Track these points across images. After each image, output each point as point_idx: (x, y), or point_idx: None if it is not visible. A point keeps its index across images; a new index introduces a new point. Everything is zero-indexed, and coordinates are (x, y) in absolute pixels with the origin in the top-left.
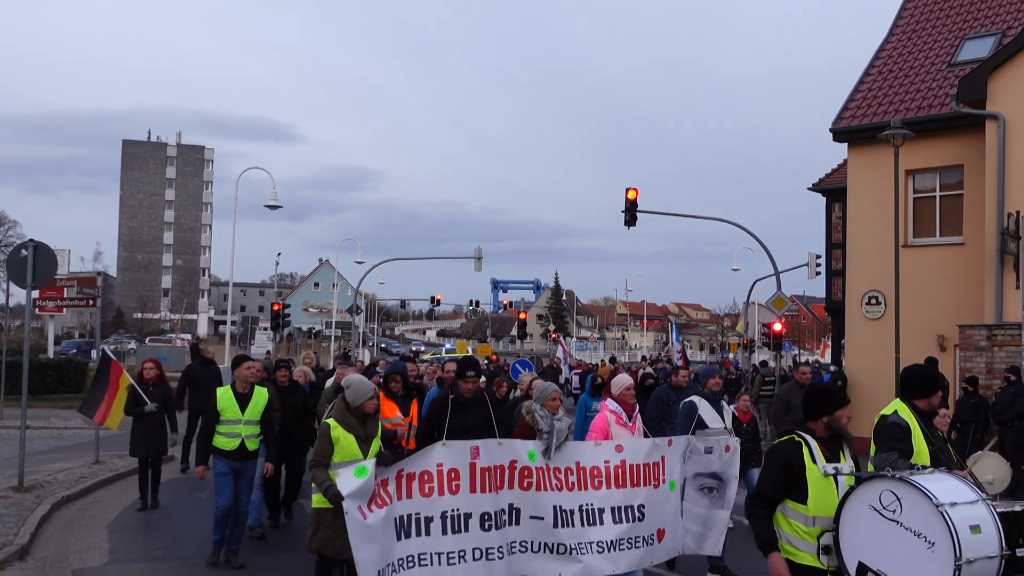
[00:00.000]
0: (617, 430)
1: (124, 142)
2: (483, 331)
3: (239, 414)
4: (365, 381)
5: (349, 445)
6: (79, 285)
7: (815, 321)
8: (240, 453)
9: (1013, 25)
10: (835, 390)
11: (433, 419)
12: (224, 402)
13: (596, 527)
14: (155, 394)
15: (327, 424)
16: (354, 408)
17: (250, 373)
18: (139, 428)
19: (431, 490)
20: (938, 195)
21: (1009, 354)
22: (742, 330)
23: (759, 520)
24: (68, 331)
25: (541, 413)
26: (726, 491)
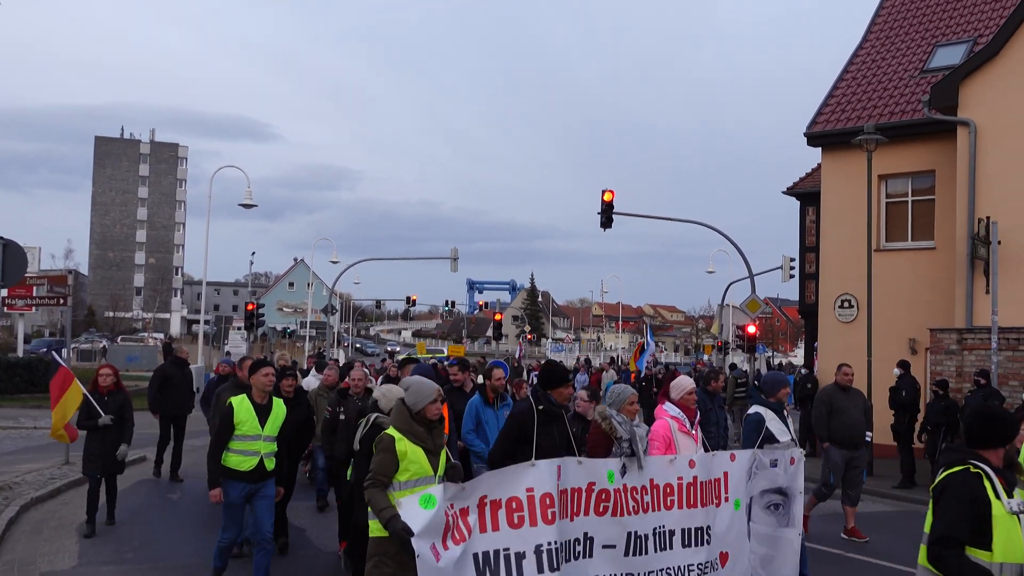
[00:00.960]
0: (681, 439)
1: (97, 139)
2: (458, 332)
3: (258, 428)
4: (426, 381)
5: (418, 460)
6: (49, 283)
7: (788, 324)
8: (258, 474)
9: (984, 33)
10: (1012, 414)
11: (519, 435)
12: (242, 414)
13: (666, 552)
14: (111, 404)
15: (390, 436)
16: (416, 414)
17: (268, 381)
18: (93, 443)
19: (521, 520)
20: (910, 200)
21: (979, 358)
22: (716, 332)
23: (962, 562)
24: (38, 329)
25: (619, 419)
26: (791, 507)
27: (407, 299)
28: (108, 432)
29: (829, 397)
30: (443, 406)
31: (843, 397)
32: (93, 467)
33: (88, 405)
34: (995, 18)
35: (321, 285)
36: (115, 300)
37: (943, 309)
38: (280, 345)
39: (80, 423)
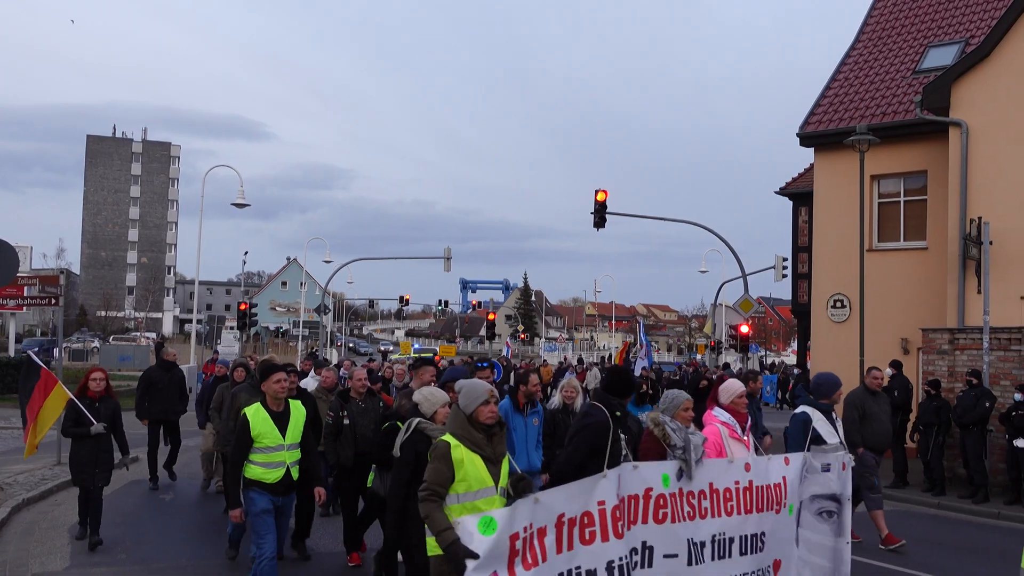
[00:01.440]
0: (733, 446)
1: (89, 137)
2: (452, 331)
3: (279, 438)
4: (477, 381)
5: (477, 470)
6: (41, 283)
7: (781, 323)
8: (284, 485)
9: (976, 34)
10: None
11: (597, 445)
12: (259, 425)
13: (725, 560)
14: (102, 411)
15: (445, 443)
16: (470, 417)
17: (281, 388)
18: (83, 453)
19: (592, 536)
20: (902, 200)
21: (971, 358)
22: (709, 331)
23: None
24: (30, 329)
25: (673, 426)
26: (843, 515)
27: (400, 299)
28: (100, 441)
29: (861, 401)
30: None
31: (873, 401)
32: (88, 479)
33: (76, 411)
34: (987, 19)
35: (314, 284)
36: (107, 299)
37: (935, 309)
38: (273, 344)
39: (66, 430)
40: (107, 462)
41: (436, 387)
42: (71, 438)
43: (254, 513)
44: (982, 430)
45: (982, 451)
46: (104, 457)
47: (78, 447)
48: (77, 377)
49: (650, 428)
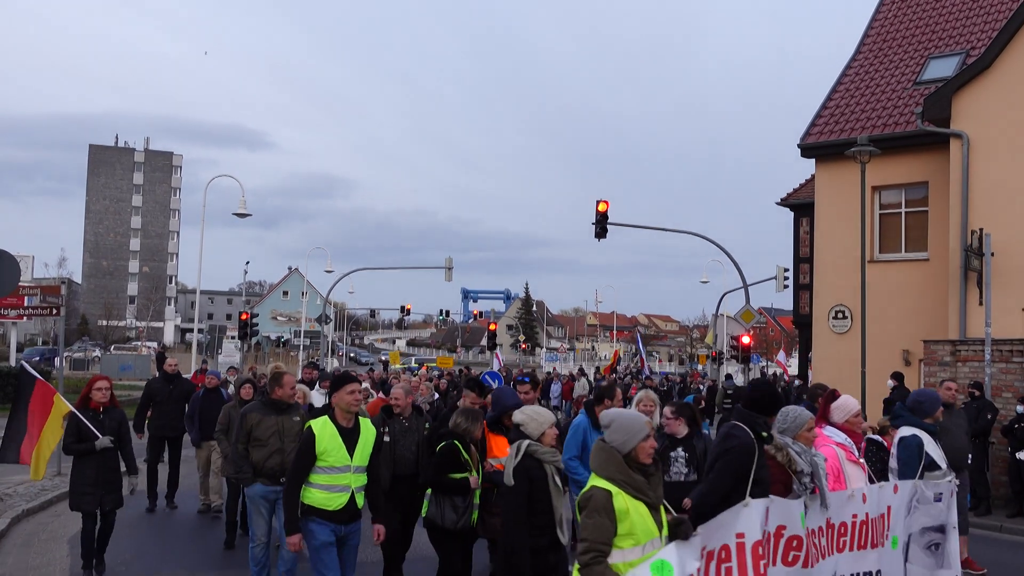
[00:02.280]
0: (850, 470)
1: (91, 147)
2: (453, 341)
3: (347, 458)
4: (632, 413)
5: (643, 520)
6: (42, 293)
7: (783, 334)
8: (348, 513)
9: (976, 45)
10: None
11: (741, 471)
12: (326, 441)
13: None
14: (107, 423)
15: (605, 491)
16: (628, 456)
17: (355, 400)
18: (86, 472)
19: (728, 572)
20: (903, 211)
21: (972, 369)
22: (711, 342)
23: None
24: (31, 338)
25: (797, 449)
26: (947, 545)
27: (401, 308)
28: (106, 457)
29: None
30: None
31: (947, 416)
32: (89, 501)
33: (78, 425)
34: (987, 31)
35: (315, 294)
36: (108, 309)
37: (937, 320)
38: (274, 354)
39: (68, 447)
40: (114, 481)
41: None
42: (73, 455)
43: (314, 546)
44: (984, 442)
45: (984, 463)
46: (111, 476)
47: (81, 466)
48: (78, 386)
49: (771, 453)
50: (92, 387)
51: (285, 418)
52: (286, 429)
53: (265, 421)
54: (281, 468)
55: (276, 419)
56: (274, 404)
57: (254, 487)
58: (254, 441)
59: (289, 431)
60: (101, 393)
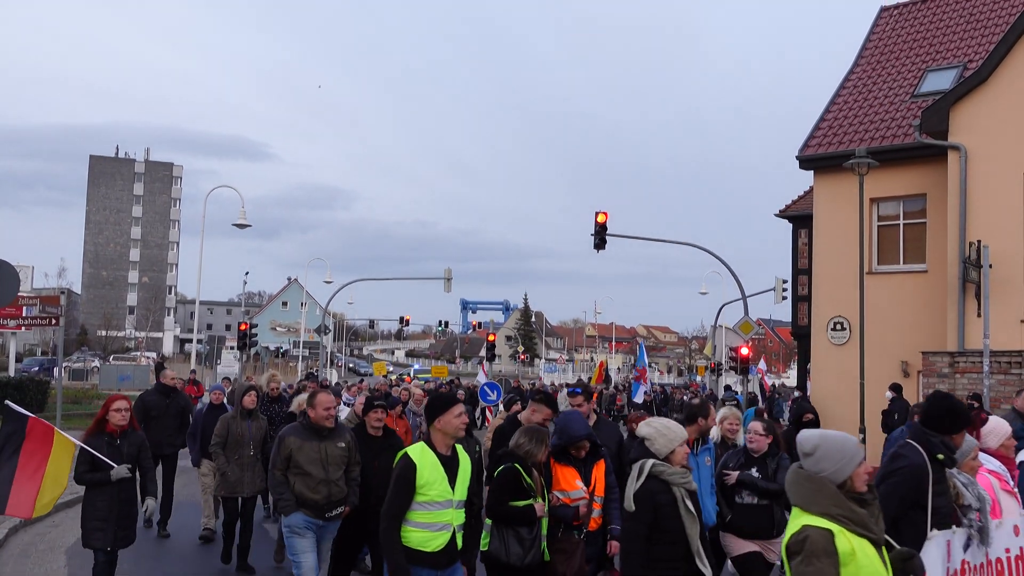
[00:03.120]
0: (1004, 500)
1: (91, 157)
2: (452, 352)
3: (448, 491)
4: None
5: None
6: (42, 303)
7: (781, 345)
8: (448, 555)
9: (974, 58)
10: None
11: (908, 497)
12: (427, 472)
13: None
14: (125, 449)
15: (824, 532)
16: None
17: (462, 423)
18: (97, 504)
19: None
20: (902, 223)
21: (971, 381)
22: (710, 353)
23: None
24: (31, 348)
25: (963, 480)
26: None
27: (400, 319)
28: (121, 488)
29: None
30: None
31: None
32: (101, 538)
33: (88, 458)
34: (984, 43)
35: (314, 305)
36: (108, 319)
37: (935, 332)
38: (273, 364)
39: (81, 477)
40: (130, 516)
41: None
42: (86, 485)
43: None
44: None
45: None
46: (126, 510)
47: (94, 497)
48: (77, 396)
49: None
50: (109, 408)
51: (328, 444)
52: (330, 457)
53: (306, 447)
54: (328, 501)
55: (318, 445)
56: (315, 429)
57: (295, 516)
58: (295, 468)
59: (334, 459)
60: (120, 415)
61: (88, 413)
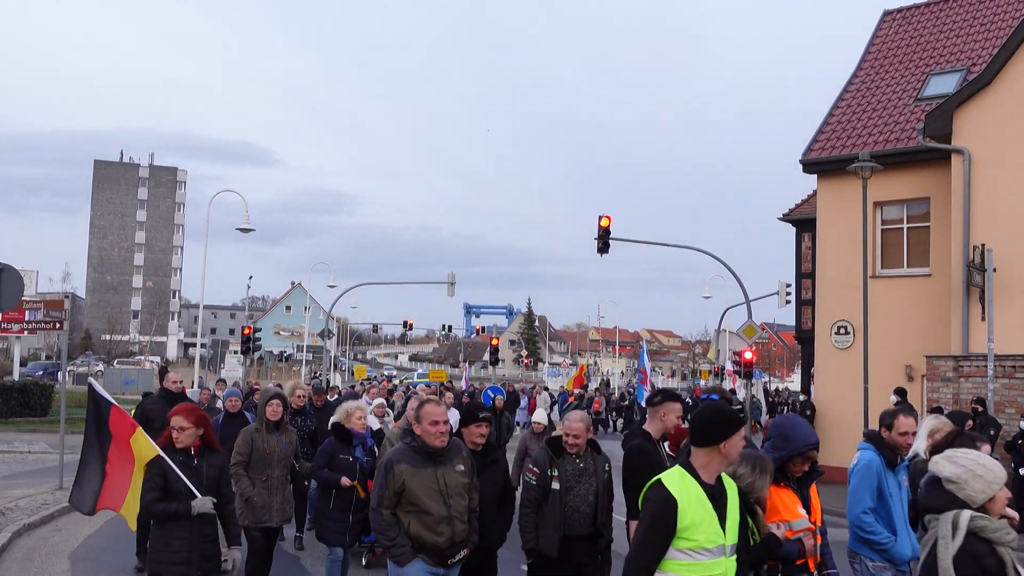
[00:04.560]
0: None
1: (96, 162)
2: (455, 356)
3: (719, 535)
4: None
5: None
6: (46, 307)
7: (785, 349)
8: None
9: (977, 62)
10: None
11: None
12: (692, 509)
13: None
14: (204, 472)
15: None
16: None
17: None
18: (173, 542)
19: None
20: (905, 227)
21: (975, 385)
22: (713, 357)
23: None
24: (35, 352)
25: None
26: None
27: (404, 323)
28: (203, 524)
29: None
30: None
31: None
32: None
33: (165, 475)
34: (988, 47)
35: (318, 309)
36: (112, 323)
37: (939, 336)
38: (276, 369)
39: (149, 506)
40: (214, 557)
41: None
42: (154, 518)
43: None
44: None
45: None
46: (209, 550)
47: (167, 534)
48: (81, 401)
49: None
50: (176, 420)
51: (446, 471)
52: (450, 487)
53: (421, 476)
54: (451, 544)
55: (434, 473)
56: (428, 452)
57: (413, 565)
58: (407, 505)
59: (455, 489)
60: (180, 433)
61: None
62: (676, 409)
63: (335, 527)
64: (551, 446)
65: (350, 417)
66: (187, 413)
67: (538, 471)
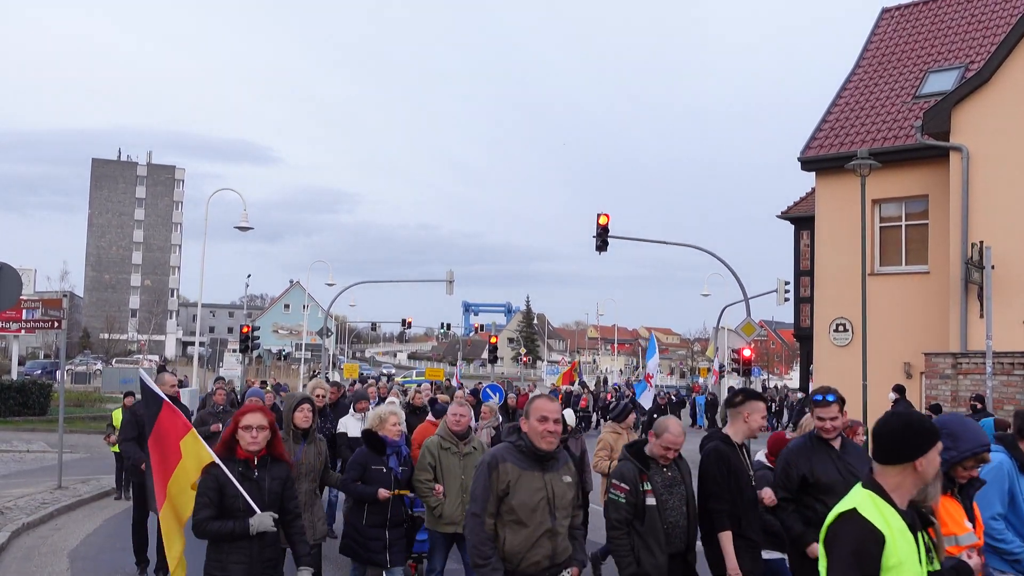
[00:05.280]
0: None
1: (94, 161)
2: (454, 354)
3: (920, 573)
4: None
5: None
6: (44, 306)
7: (784, 347)
8: None
9: (975, 59)
10: None
11: None
12: (901, 548)
13: None
14: (267, 485)
15: None
16: None
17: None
18: (228, 565)
19: None
20: (904, 224)
21: (974, 382)
22: (712, 355)
23: None
24: (33, 351)
25: None
26: None
27: (402, 321)
28: (266, 543)
29: None
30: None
31: None
32: None
33: (221, 488)
34: (986, 44)
35: (317, 307)
36: (110, 322)
37: (938, 333)
38: (275, 367)
39: (202, 527)
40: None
41: None
42: (207, 538)
43: None
44: None
45: None
46: (270, 571)
47: (223, 556)
48: (80, 400)
49: None
50: (238, 424)
51: (554, 477)
52: (557, 496)
53: (527, 480)
54: (552, 564)
55: (543, 478)
56: (537, 454)
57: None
58: (507, 515)
59: (562, 500)
60: (250, 439)
61: (91, 416)
62: (760, 409)
63: (372, 545)
64: (636, 456)
65: (384, 423)
66: (263, 412)
67: (627, 487)
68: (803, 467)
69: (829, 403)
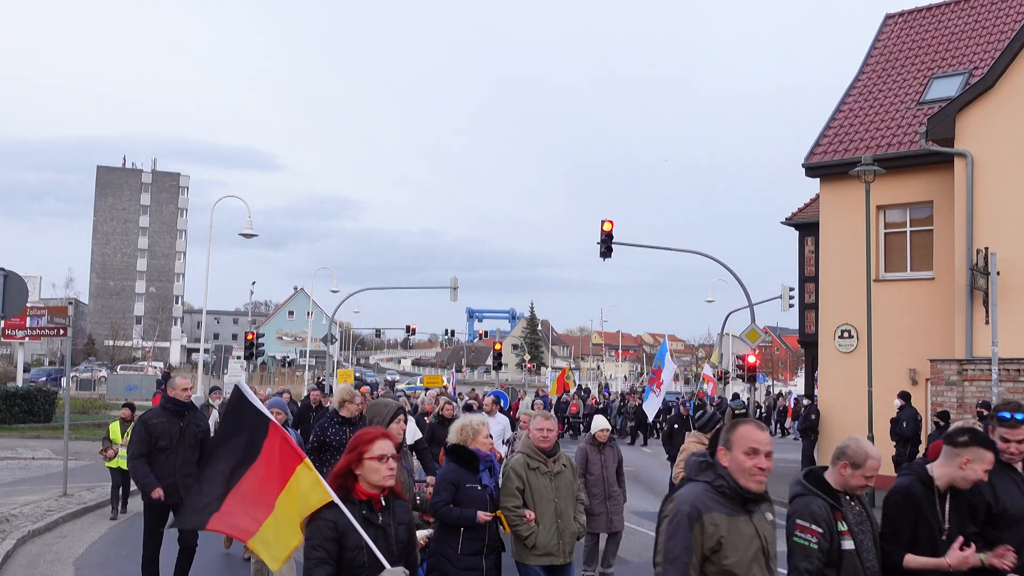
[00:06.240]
0: None
1: (99, 168)
2: (458, 361)
3: None
4: None
5: None
6: (49, 314)
7: (789, 353)
8: None
9: (979, 65)
10: None
11: None
12: None
13: None
14: (392, 532)
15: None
16: None
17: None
18: None
19: None
20: (908, 230)
21: (980, 389)
22: (716, 361)
23: None
24: (38, 358)
25: None
26: None
27: (407, 328)
28: None
29: None
30: None
31: None
32: None
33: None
34: (990, 51)
35: (321, 314)
36: (115, 329)
37: (943, 340)
38: (279, 374)
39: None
40: None
41: None
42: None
43: None
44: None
45: None
46: None
47: None
48: (85, 407)
49: None
50: (362, 453)
51: (761, 520)
52: (769, 543)
53: (738, 530)
54: None
55: (752, 525)
56: (742, 496)
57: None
58: (714, 561)
59: (773, 547)
60: (391, 469)
61: (96, 423)
62: (987, 461)
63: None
64: (823, 489)
65: (477, 436)
66: (389, 436)
67: (821, 530)
68: (986, 494)
69: (1019, 423)
